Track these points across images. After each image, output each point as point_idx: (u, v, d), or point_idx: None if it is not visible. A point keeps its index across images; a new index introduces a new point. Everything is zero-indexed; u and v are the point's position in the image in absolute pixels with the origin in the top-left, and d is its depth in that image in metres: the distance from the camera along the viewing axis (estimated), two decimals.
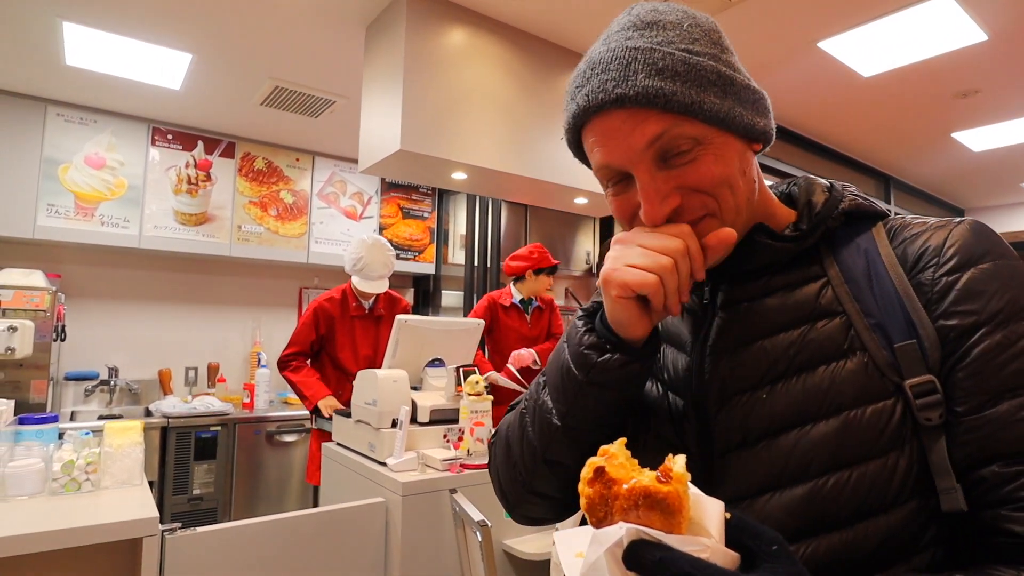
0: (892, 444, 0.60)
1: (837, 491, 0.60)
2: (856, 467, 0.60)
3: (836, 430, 0.61)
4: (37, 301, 3.06)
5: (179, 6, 2.79)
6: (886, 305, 0.64)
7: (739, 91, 0.68)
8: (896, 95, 3.73)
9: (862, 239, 0.70)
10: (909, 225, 0.69)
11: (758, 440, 0.65)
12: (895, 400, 0.61)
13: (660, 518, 0.45)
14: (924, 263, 0.64)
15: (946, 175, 5.44)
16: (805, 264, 0.71)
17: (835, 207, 0.71)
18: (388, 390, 2.31)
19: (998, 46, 3.09)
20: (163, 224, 4.10)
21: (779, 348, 0.67)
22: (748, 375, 0.68)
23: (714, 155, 0.66)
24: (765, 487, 0.64)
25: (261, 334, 4.79)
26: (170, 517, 3.57)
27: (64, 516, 1.64)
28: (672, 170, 0.65)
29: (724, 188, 0.66)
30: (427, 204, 5.31)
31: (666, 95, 0.63)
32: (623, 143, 0.65)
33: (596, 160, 0.69)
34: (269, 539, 1.88)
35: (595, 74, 0.66)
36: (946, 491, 0.58)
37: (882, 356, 0.62)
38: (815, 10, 2.82)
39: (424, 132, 2.67)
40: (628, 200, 0.69)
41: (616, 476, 0.47)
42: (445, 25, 2.77)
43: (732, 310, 0.72)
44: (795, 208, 0.77)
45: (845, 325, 0.65)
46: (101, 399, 4.10)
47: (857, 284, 0.67)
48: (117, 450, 1.94)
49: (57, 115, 3.81)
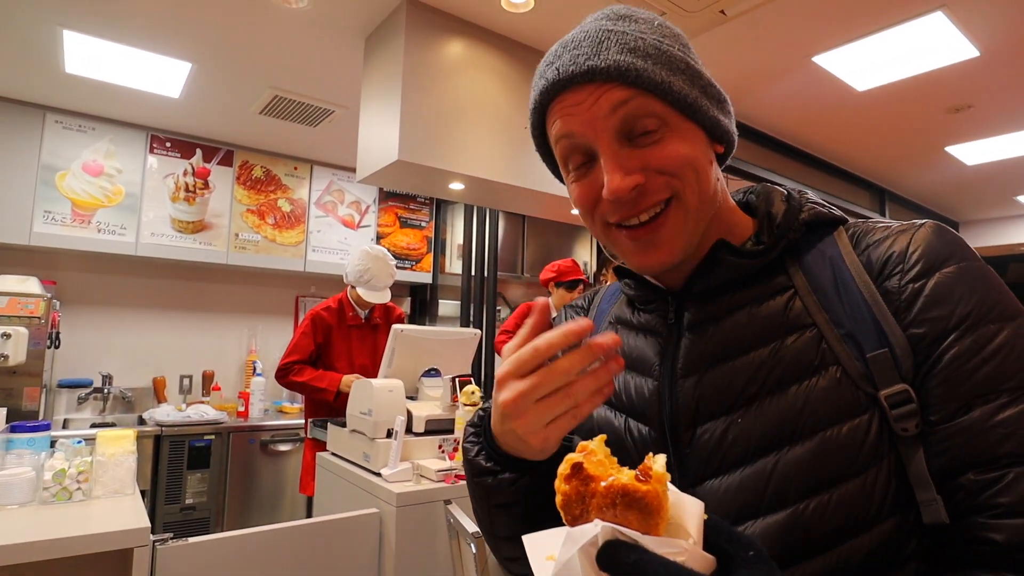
0: (870, 460, 0.58)
1: (819, 515, 0.58)
2: (836, 488, 0.58)
3: (813, 451, 0.59)
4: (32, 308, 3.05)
5: (179, 16, 2.80)
6: (855, 314, 0.63)
7: (706, 86, 0.68)
8: (890, 109, 3.76)
9: (826, 246, 0.69)
10: (872, 230, 0.68)
11: (735, 466, 0.63)
12: (871, 414, 0.59)
13: (638, 518, 0.43)
14: (889, 270, 0.63)
15: (940, 188, 5.47)
16: (770, 275, 0.69)
17: (795, 218, 0.70)
18: (384, 400, 2.30)
19: (990, 62, 3.12)
20: (160, 232, 4.10)
21: (751, 368, 0.65)
22: (721, 398, 0.66)
23: (679, 140, 0.65)
24: (744, 515, 0.61)
25: (257, 342, 4.78)
26: (162, 527, 3.55)
27: (54, 526, 1.63)
28: (637, 148, 0.65)
29: (689, 170, 0.65)
30: (425, 214, 5.32)
31: (637, 70, 0.63)
32: (587, 113, 0.65)
33: (557, 131, 0.68)
34: (262, 550, 1.87)
35: (567, 51, 0.66)
36: (927, 503, 0.57)
37: (855, 367, 0.61)
38: (810, 25, 2.84)
39: (422, 142, 2.67)
40: (591, 183, 0.68)
41: (594, 473, 0.45)
42: (444, 37, 2.79)
43: (699, 330, 0.70)
44: (753, 216, 0.76)
45: (816, 338, 0.63)
46: (94, 407, 4.08)
47: (825, 293, 0.65)
48: (109, 459, 1.93)
49: (56, 122, 3.81)
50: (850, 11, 2.72)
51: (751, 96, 3.60)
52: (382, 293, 3.33)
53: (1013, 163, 4.67)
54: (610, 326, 0.84)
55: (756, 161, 4.08)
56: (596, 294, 0.94)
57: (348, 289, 3.40)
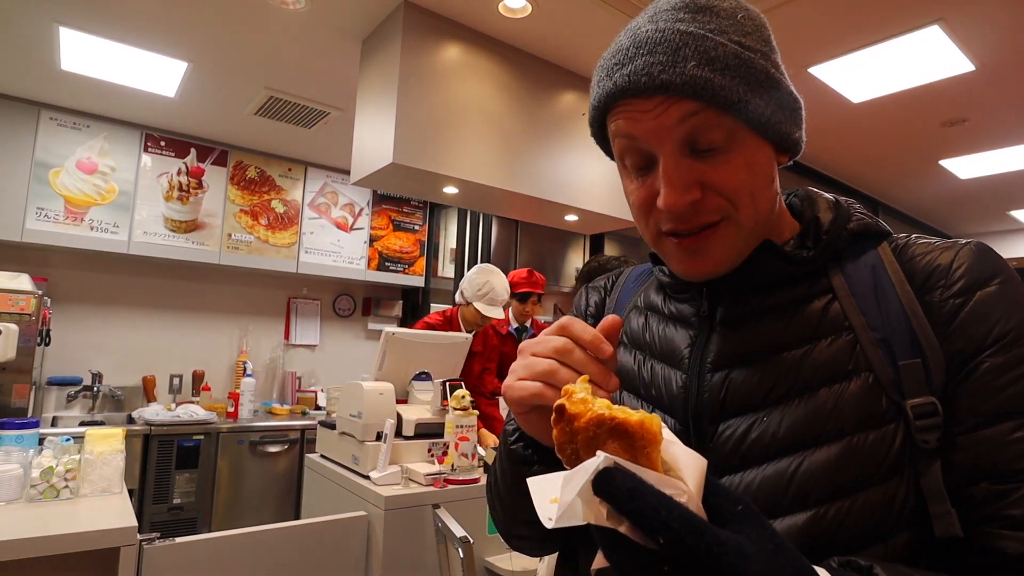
0: (893, 470, 0.58)
1: (839, 520, 0.57)
2: (858, 494, 0.57)
3: (838, 455, 0.58)
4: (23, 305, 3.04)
5: (177, 15, 2.80)
6: (892, 321, 0.62)
7: (783, 97, 0.65)
8: (885, 121, 3.78)
9: (868, 256, 0.68)
10: (915, 244, 0.67)
11: (756, 464, 0.62)
12: (896, 424, 0.59)
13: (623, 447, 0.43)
14: (932, 283, 0.62)
15: (934, 201, 5.50)
16: (810, 278, 0.68)
17: (843, 226, 0.69)
18: (373, 402, 2.30)
19: (985, 76, 3.14)
20: (153, 230, 4.09)
21: (782, 367, 0.64)
22: (748, 395, 0.65)
23: (744, 159, 0.63)
24: (764, 514, 0.60)
25: (248, 343, 4.77)
26: (149, 526, 3.53)
27: (41, 523, 1.62)
28: (698, 162, 0.63)
29: (746, 196, 0.64)
30: (418, 217, 5.32)
31: (714, 88, 0.60)
32: (654, 121, 0.62)
33: (618, 129, 0.66)
34: (249, 551, 1.87)
35: (640, 54, 0.62)
36: (940, 516, 0.56)
37: (886, 373, 0.60)
38: (807, 36, 2.86)
39: (417, 146, 2.68)
40: (648, 189, 0.66)
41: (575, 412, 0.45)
42: (440, 41, 2.80)
43: (733, 325, 0.69)
44: (796, 219, 0.75)
45: (851, 342, 0.62)
46: (84, 405, 4.06)
47: (863, 297, 0.65)
48: (98, 457, 1.93)
49: (50, 119, 3.80)
50: (847, 23, 2.74)
51: None
52: (498, 309, 3.30)
53: (1006, 178, 4.71)
54: (636, 311, 0.82)
55: None
56: (620, 275, 0.92)
57: (460, 307, 3.37)
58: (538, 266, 4.67)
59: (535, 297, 3.57)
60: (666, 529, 0.39)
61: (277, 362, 4.90)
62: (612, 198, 3.40)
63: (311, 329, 5.12)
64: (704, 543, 0.39)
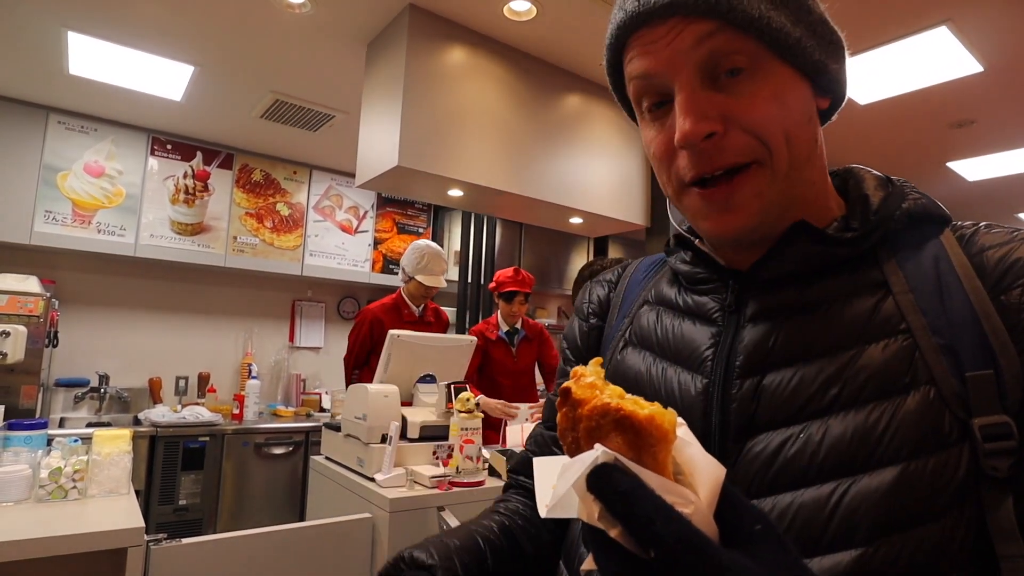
0: (953, 502, 0.48)
1: (889, 561, 0.48)
2: (912, 531, 0.48)
3: (892, 484, 0.49)
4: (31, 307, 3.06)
5: (183, 19, 2.82)
6: (958, 324, 0.52)
7: (815, 23, 0.57)
8: (892, 123, 3.77)
9: (929, 245, 0.58)
10: (987, 233, 0.58)
11: (788, 488, 0.53)
12: (960, 447, 0.49)
13: (628, 442, 0.39)
14: (1010, 281, 0.52)
15: (941, 203, 5.47)
16: (860, 268, 0.58)
17: (897, 206, 0.60)
18: (379, 405, 2.31)
19: (994, 78, 3.13)
20: (159, 233, 4.11)
21: (823, 375, 0.54)
22: (784, 406, 0.55)
23: (772, 89, 0.55)
24: (798, 548, 0.50)
25: (253, 345, 4.78)
26: (155, 527, 3.54)
27: (49, 524, 1.63)
28: (720, 93, 0.55)
29: (778, 133, 0.55)
30: (422, 220, 5.33)
31: (731, 2, 0.53)
32: (668, 48, 0.55)
33: (633, 70, 0.59)
34: (254, 552, 1.87)
35: None
36: (1010, 558, 0.47)
37: (949, 386, 0.51)
38: None
39: (422, 149, 2.69)
40: (667, 133, 0.58)
41: (581, 397, 0.41)
42: (445, 44, 2.80)
43: (766, 322, 0.59)
44: (844, 198, 0.65)
45: (909, 348, 0.53)
46: (91, 406, 4.07)
47: (924, 294, 0.55)
48: (105, 458, 1.93)
49: (58, 123, 3.83)
50: (853, 24, 2.74)
51: None
52: (439, 278, 3.39)
53: (1014, 180, 4.69)
54: (647, 306, 0.73)
55: None
56: (628, 266, 0.83)
57: (402, 288, 3.46)
58: (542, 268, 4.68)
59: (521, 296, 3.48)
60: (659, 542, 0.34)
61: (282, 364, 4.91)
62: (616, 201, 3.41)
63: (316, 331, 5.13)
64: (702, 564, 0.34)
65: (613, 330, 0.76)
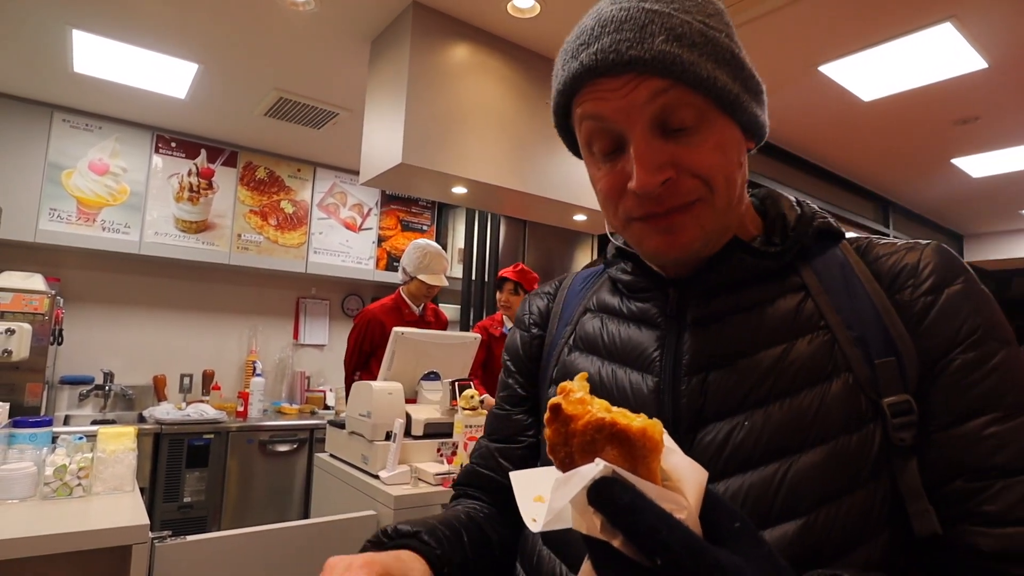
0: (875, 471, 0.57)
1: (828, 526, 0.56)
2: (845, 498, 0.57)
3: (825, 460, 0.57)
4: (36, 304, 3.06)
5: (188, 17, 2.82)
6: (865, 319, 0.62)
7: (747, 78, 0.64)
8: (896, 120, 3.76)
9: (835, 254, 0.68)
10: (878, 244, 0.68)
11: (738, 471, 0.60)
12: (875, 424, 0.58)
13: (622, 454, 0.41)
14: (901, 282, 0.63)
15: (945, 200, 5.46)
16: (782, 276, 0.68)
17: (809, 223, 0.70)
18: (383, 402, 2.31)
19: (998, 74, 3.12)
20: (163, 231, 4.11)
21: (760, 369, 0.62)
22: (728, 399, 0.63)
23: (716, 140, 0.62)
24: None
25: (257, 343, 4.79)
26: (159, 524, 3.55)
27: (54, 521, 1.63)
28: (670, 142, 0.61)
29: (720, 178, 0.62)
30: (426, 217, 5.33)
31: (683, 63, 0.58)
32: (623, 100, 0.60)
33: (585, 111, 0.64)
34: (259, 549, 1.87)
35: (606, 32, 0.60)
36: (919, 514, 0.56)
37: (863, 372, 0.60)
38: (817, 34, 2.85)
39: (425, 146, 2.68)
40: (618, 174, 0.64)
41: (572, 413, 0.43)
42: (449, 41, 2.80)
43: (706, 325, 0.67)
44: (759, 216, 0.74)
45: (829, 341, 0.62)
46: (95, 404, 4.09)
47: (836, 294, 0.65)
48: (110, 455, 1.94)
49: (63, 121, 3.83)
50: (858, 21, 2.73)
51: None
52: (441, 277, 3.43)
53: (1019, 176, 4.67)
54: (589, 313, 0.79)
55: (759, 170, 4.09)
56: (564, 279, 0.90)
57: (401, 288, 3.47)
58: (546, 266, 4.67)
59: (511, 285, 3.60)
60: (665, 550, 0.37)
61: (286, 362, 4.92)
62: None
63: (320, 329, 5.13)
64: (703, 566, 0.37)
65: (555, 338, 0.83)
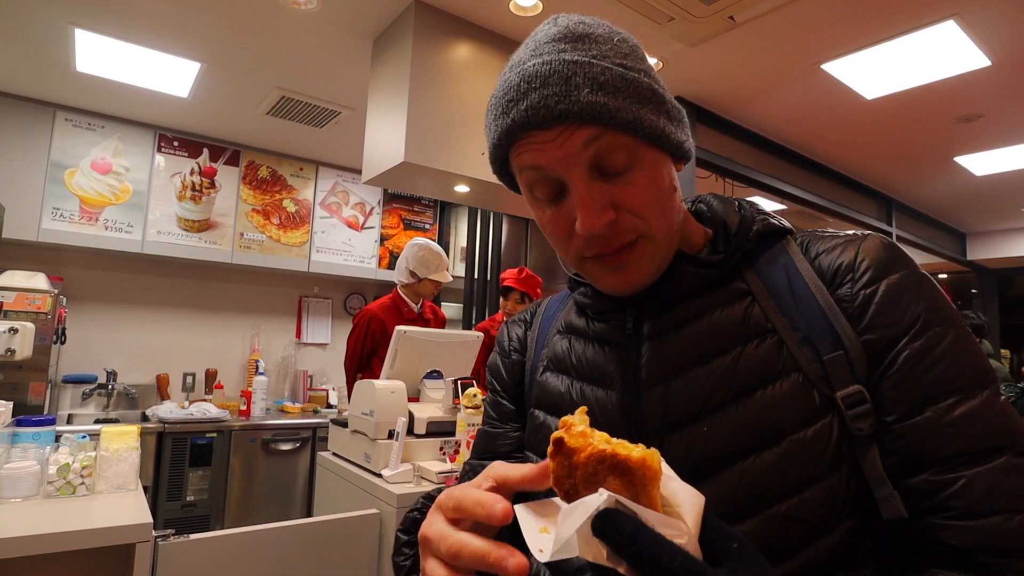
0: (834, 462, 0.60)
1: (790, 518, 0.59)
2: (805, 491, 0.59)
3: (781, 456, 0.60)
4: (39, 303, 3.07)
5: (190, 16, 2.82)
6: (811, 318, 0.65)
7: (669, 109, 0.68)
8: (899, 118, 3.75)
9: (777, 254, 0.71)
10: (820, 239, 0.70)
11: (705, 476, 0.62)
12: (831, 416, 0.61)
13: (624, 484, 0.42)
14: (840, 279, 0.65)
15: (948, 199, 5.45)
16: (727, 282, 0.70)
17: (749, 228, 0.72)
18: (385, 401, 2.31)
19: (1001, 72, 3.11)
20: (166, 230, 4.12)
21: (715, 375, 0.65)
22: (687, 407, 0.66)
23: (649, 175, 0.65)
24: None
25: (260, 342, 4.80)
26: (163, 523, 3.56)
27: (57, 519, 1.64)
28: (607, 184, 0.64)
29: (655, 211, 0.66)
30: (429, 216, 5.33)
31: (610, 111, 0.61)
32: (559, 150, 0.63)
33: (524, 162, 0.66)
34: (262, 548, 1.88)
35: (533, 88, 0.63)
36: (885, 499, 0.59)
37: (813, 370, 0.63)
38: (819, 33, 2.84)
39: (428, 145, 2.68)
40: (564, 217, 0.67)
41: (575, 446, 0.44)
42: (451, 40, 2.80)
43: (661, 339, 0.70)
44: (704, 224, 0.77)
45: (777, 344, 0.65)
46: (98, 403, 4.09)
47: (781, 298, 0.67)
48: (113, 454, 1.94)
49: (65, 120, 3.84)
50: (860, 19, 2.72)
51: (758, 103, 3.60)
52: (447, 273, 3.47)
53: (1022, 174, 4.66)
54: (560, 335, 0.83)
55: (762, 168, 4.08)
56: (540, 304, 0.94)
57: (398, 288, 3.49)
58: (548, 265, 4.67)
59: (517, 294, 3.63)
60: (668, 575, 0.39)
61: (289, 360, 4.93)
62: None
63: (322, 328, 5.14)
64: None
65: (535, 361, 0.86)
